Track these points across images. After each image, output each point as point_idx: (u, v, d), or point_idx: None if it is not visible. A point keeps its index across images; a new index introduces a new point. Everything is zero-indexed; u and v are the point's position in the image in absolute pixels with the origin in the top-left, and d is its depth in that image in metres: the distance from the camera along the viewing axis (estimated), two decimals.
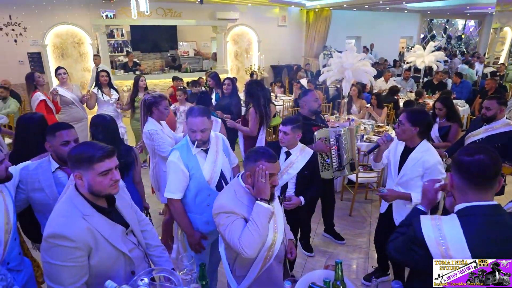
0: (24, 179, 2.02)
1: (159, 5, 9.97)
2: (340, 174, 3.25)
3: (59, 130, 2.02)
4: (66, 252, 1.41)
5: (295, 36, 12.47)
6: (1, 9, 8.35)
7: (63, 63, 9.09)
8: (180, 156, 2.25)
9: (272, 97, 7.82)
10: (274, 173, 1.78)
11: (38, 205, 2.05)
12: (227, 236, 1.71)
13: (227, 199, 1.81)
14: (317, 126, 3.21)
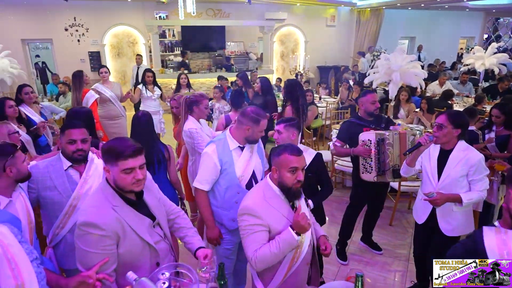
0: (35, 178, 1.98)
1: (209, 6, 10.25)
2: (382, 179, 3.11)
3: (68, 128, 2.02)
4: (97, 240, 1.49)
5: (344, 36, 12.16)
6: (67, 11, 9.10)
7: (119, 62, 9.71)
8: (216, 149, 2.28)
9: (316, 98, 7.69)
10: (298, 167, 1.77)
11: (49, 204, 2.02)
12: (245, 243, 1.76)
13: (254, 201, 1.81)
14: (368, 128, 3.10)
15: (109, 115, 5.02)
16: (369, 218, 3.65)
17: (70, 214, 2.00)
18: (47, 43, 9.68)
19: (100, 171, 2.10)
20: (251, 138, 2.30)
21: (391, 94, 5.06)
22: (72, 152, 2.00)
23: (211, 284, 1.51)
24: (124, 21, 9.52)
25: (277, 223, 1.79)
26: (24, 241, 1.34)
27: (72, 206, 1.99)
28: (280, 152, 1.80)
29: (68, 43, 9.33)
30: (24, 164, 1.82)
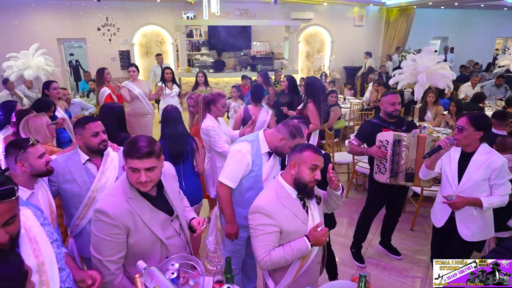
0: (55, 172, 2.04)
1: (236, 6, 10.35)
2: (394, 181, 3.04)
3: (88, 122, 2.09)
4: (106, 227, 1.57)
5: (372, 36, 11.91)
6: (100, 12, 9.48)
7: (147, 61, 9.99)
8: (250, 150, 2.29)
9: (341, 99, 7.59)
10: (318, 166, 1.78)
11: (69, 196, 2.10)
12: (256, 242, 1.77)
13: (267, 200, 1.82)
14: (387, 129, 3.05)
15: (137, 113, 5.14)
16: (387, 222, 3.57)
17: (89, 205, 2.09)
18: (81, 42, 10.12)
19: (116, 164, 2.19)
20: (279, 149, 2.28)
21: (417, 95, 4.92)
22: (97, 144, 2.09)
23: (218, 277, 1.54)
24: (153, 21, 9.80)
25: (288, 223, 1.79)
26: (47, 223, 1.43)
27: (91, 198, 2.09)
28: (303, 148, 1.81)
29: (100, 42, 9.71)
30: (39, 160, 1.85)
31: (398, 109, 3.10)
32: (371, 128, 3.16)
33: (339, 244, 3.79)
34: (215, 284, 1.53)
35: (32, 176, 1.88)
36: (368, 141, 3.21)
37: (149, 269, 1.39)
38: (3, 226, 1.10)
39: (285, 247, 1.76)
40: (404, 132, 3.07)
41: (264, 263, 1.72)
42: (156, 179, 1.62)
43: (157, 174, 1.61)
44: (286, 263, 1.78)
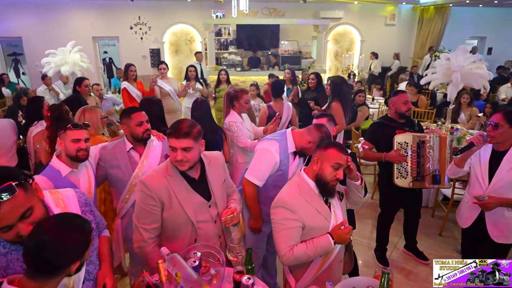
0: (103, 158, 2.24)
1: (265, 5, 10.37)
2: (419, 185, 2.92)
3: (133, 112, 2.23)
4: (144, 197, 1.71)
5: (403, 36, 11.56)
6: (133, 11, 9.78)
7: (176, 59, 10.20)
8: (279, 149, 2.30)
9: (369, 99, 7.44)
10: (342, 165, 1.76)
11: (115, 181, 2.26)
12: (278, 237, 1.76)
13: (290, 194, 1.82)
14: (401, 130, 2.95)
15: (168, 109, 5.10)
16: (407, 225, 3.46)
17: (131, 191, 2.22)
18: (114, 41, 10.48)
19: (159, 153, 2.31)
20: (305, 151, 2.29)
21: (450, 96, 4.72)
22: (142, 132, 2.22)
23: (238, 267, 1.55)
24: (183, 20, 9.99)
25: (311, 219, 1.78)
26: (88, 211, 1.49)
27: (133, 184, 2.21)
28: (328, 145, 1.79)
29: (132, 41, 10.02)
30: (72, 144, 1.95)
31: (411, 108, 3.00)
32: (381, 130, 3.03)
33: (362, 245, 3.72)
34: (236, 274, 1.54)
35: (69, 160, 1.99)
36: (377, 143, 3.09)
37: (172, 256, 1.42)
38: (21, 220, 1.15)
39: (308, 243, 1.75)
40: (413, 131, 2.96)
41: (286, 258, 1.72)
42: (193, 160, 1.69)
43: (194, 156, 1.69)
44: (308, 259, 1.78)
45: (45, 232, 1.10)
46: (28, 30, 9.36)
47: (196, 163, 1.74)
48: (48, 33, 9.26)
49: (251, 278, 1.49)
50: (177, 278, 1.35)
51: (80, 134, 1.99)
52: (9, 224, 1.13)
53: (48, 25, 9.40)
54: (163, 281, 1.38)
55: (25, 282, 1.09)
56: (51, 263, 1.09)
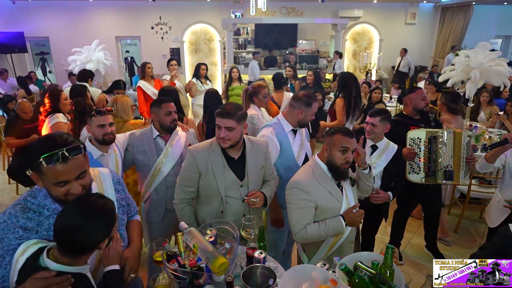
0: (132, 143, 2.41)
1: (283, 4, 10.44)
2: (432, 180, 2.92)
3: (163, 102, 2.39)
4: (187, 163, 1.99)
5: (424, 35, 11.39)
6: (154, 11, 10.04)
7: (195, 58, 10.40)
8: (274, 131, 2.42)
9: (387, 98, 7.40)
10: (349, 148, 1.84)
11: (141, 165, 2.43)
12: (293, 215, 1.87)
13: (304, 177, 1.92)
14: (416, 126, 2.95)
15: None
16: (427, 224, 3.41)
17: (155, 175, 2.37)
18: (136, 40, 10.78)
19: (182, 142, 2.45)
20: (303, 121, 2.42)
21: (468, 93, 4.65)
22: (170, 122, 2.37)
23: (251, 244, 1.64)
24: (203, 19, 10.18)
25: (324, 200, 1.88)
26: (121, 190, 1.61)
27: (157, 169, 2.36)
28: (334, 131, 1.89)
29: (153, 40, 10.28)
30: (98, 129, 2.16)
31: (428, 103, 3.00)
32: (397, 128, 2.97)
33: (375, 240, 3.74)
34: (249, 249, 1.63)
35: (98, 144, 2.19)
36: (394, 140, 3.04)
37: (190, 229, 1.53)
38: (76, 179, 1.28)
39: (320, 224, 1.85)
40: (428, 127, 2.95)
41: (299, 236, 1.83)
42: (234, 139, 1.89)
43: (235, 135, 1.89)
44: (320, 238, 1.88)
45: (74, 217, 1.17)
46: (55, 30, 9.75)
47: (237, 143, 1.92)
48: (73, 33, 9.62)
49: (263, 253, 1.58)
50: (194, 249, 1.45)
51: (105, 119, 2.17)
52: (68, 179, 1.25)
53: (74, 26, 9.77)
54: (182, 252, 1.48)
55: (59, 256, 1.19)
56: (81, 245, 1.17)
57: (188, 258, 1.46)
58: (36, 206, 1.31)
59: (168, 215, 2.45)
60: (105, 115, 2.19)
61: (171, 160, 2.38)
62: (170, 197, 2.35)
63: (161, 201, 2.43)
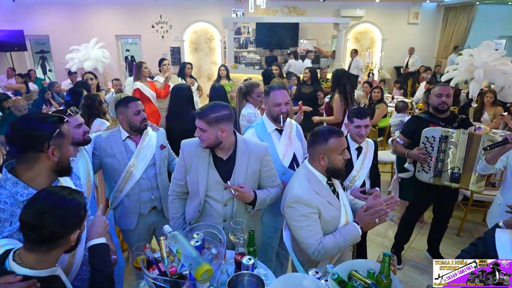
0: (98, 146, 2.23)
1: (285, 3, 10.35)
2: (439, 181, 2.82)
3: (130, 101, 2.22)
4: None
5: (427, 35, 11.26)
6: (155, 9, 9.97)
7: (196, 57, 10.32)
8: (255, 133, 2.34)
9: (388, 98, 7.30)
10: (346, 147, 1.77)
11: (109, 170, 2.25)
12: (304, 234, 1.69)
13: (302, 188, 1.75)
14: (436, 125, 2.85)
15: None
16: (434, 228, 3.31)
17: (127, 179, 2.22)
18: (136, 39, 10.71)
19: (154, 142, 2.31)
20: (270, 113, 2.33)
21: (472, 93, 4.55)
22: (139, 122, 2.22)
23: (240, 248, 1.55)
24: (203, 18, 10.10)
25: (325, 211, 1.74)
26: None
27: (129, 172, 2.21)
28: (327, 136, 1.73)
29: (153, 39, 10.21)
30: (76, 129, 1.99)
31: (445, 101, 2.83)
32: (418, 124, 2.94)
33: (375, 243, 3.65)
34: (237, 255, 1.54)
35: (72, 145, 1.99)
36: (413, 138, 3.00)
37: (173, 233, 1.44)
38: None
39: (335, 234, 1.71)
40: (449, 127, 2.83)
41: (318, 253, 1.66)
42: (208, 141, 1.80)
43: (208, 137, 1.79)
44: (340, 250, 1.72)
45: (43, 200, 1.11)
46: (55, 28, 9.69)
47: (213, 145, 1.82)
48: (73, 32, 9.55)
49: (252, 259, 1.49)
50: (177, 255, 1.36)
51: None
52: None
53: (74, 24, 9.71)
54: (164, 257, 1.39)
55: (26, 256, 1.10)
56: (54, 230, 1.09)
57: (170, 265, 1.37)
58: (6, 196, 1.23)
59: (142, 220, 2.32)
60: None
61: (143, 163, 2.23)
62: (144, 201, 2.28)
63: (134, 207, 2.28)
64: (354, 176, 2.48)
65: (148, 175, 2.25)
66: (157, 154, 2.31)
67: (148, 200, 2.31)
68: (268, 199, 1.97)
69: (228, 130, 1.80)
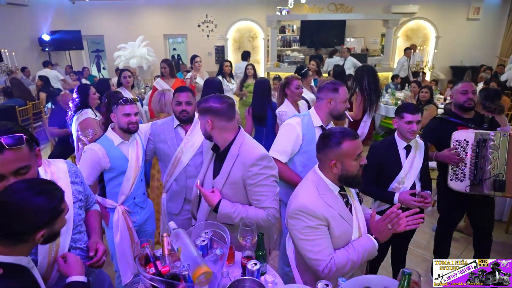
0: (153, 132, 2.40)
1: (332, 0, 10.03)
2: (477, 190, 2.48)
3: (176, 92, 2.36)
4: None
5: (489, 32, 10.28)
6: (201, 9, 10.18)
7: (239, 55, 10.35)
8: (300, 122, 2.22)
9: (440, 99, 6.76)
10: (361, 151, 1.56)
11: (162, 155, 2.40)
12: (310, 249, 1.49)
13: (310, 199, 1.54)
14: (464, 127, 2.54)
15: None
16: (476, 243, 2.89)
17: (176, 164, 2.33)
18: (183, 38, 11.02)
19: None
20: (335, 111, 2.19)
21: None
22: (179, 112, 2.30)
23: (247, 252, 1.45)
24: (247, 16, 10.12)
25: (335, 225, 1.52)
26: (78, 182, 1.50)
27: (177, 158, 2.32)
28: (339, 140, 1.51)
29: (199, 38, 10.43)
30: (123, 117, 2.15)
31: (471, 98, 2.52)
32: (443, 126, 2.62)
33: (417, 256, 3.35)
34: (243, 258, 1.44)
35: (121, 131, 2.19)
36: (439, 142, 2.68)
37: (177, 230, 1.37)
38: (14, 175, 1.15)
39: (348, 249, 1.51)
40: (480, 129, 2.49)
41: (329, 270, 1.46)
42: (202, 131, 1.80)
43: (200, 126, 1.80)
44: (354, 266, 1.51)
45: (9, 195, 1.07)
46: (109, 29, 10.28)
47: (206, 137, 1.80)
48: (125, 32, 10.06)
49: (258, 264, 1.37)
50: (177, 253, 1.29)
51: (130, 109, 2.16)
52: (3, 173, 1.13)
53: (126, 25, 10.21)
54: (165, 255, 1.33)
55: None
56: (11, 228, 1.05)
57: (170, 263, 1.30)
58: None
59: (187, 207, 2.38)
60: (131, 104, 2.19)
61: (191, 150, 2.32)
62: (190, 187, 2.30)
63: (180, 191, 2.38)
64: (402, 178, 2.29)
65: (195, 162, 2.31)
66: (205, 143, 2.30)
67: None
68: (237, 217, 1.66)
69: (215, 126, 1.70)
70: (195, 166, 2.31)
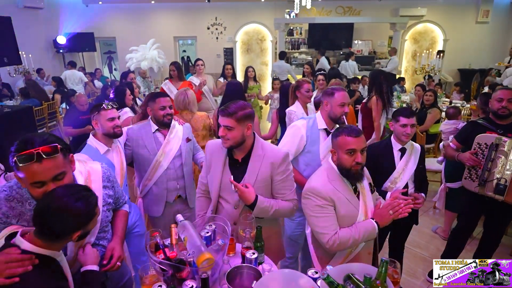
0: (130, 137, 2.43)
1: (340, 3, 10.13)
2: (482, 191, 2.60)
3: (158, 97, 2.39)
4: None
5: (498, 35, 10.25)
6: (211, 11, 10.36)
7: (247, 57, 10.53)
8: (306, 124, 2.35)
9: (446, 102, 6.80)
10: (356, 149, 1.71)
11: (141, 159, 2.43)
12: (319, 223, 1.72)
13: (320, 183, 1.78)
14: (494, 132, 2.64)
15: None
16: (483, 244, 2.99)
17: (156, 168, 2.40)
18: (193, 40, 11.22)
19: (180, 135, 2.48)
20: (332, 114, 2.30)
21: None
22: (163, 116, 2.38)
23: (246, 243, 1.59)
24: (256, 19, 10.28)
25: (341, 207, 1.74)
26: (110, 187, 1.61)
27: (157, 162, 2.39)
28: (338, 133, 1.78)
29: (208, 40, 10.62)
30: (107, 122, 2.16)
31: (506, 106, 2.59)
32: (475, 130, 2.72)
33: (413, 255, 3.45)
34: (243, 249, 1.59)
35: (104, 137, 2.21)
36: (466, 143, 2.80)
37: (184, 222, 1.53)
38: (53, 181, 1.28)
39: (351, 228, 1.73)
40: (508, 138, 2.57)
41: (333, 242, 1.68)
42: (233, 140, 1.77)
43: (234, 135, 1.76)
44: (355, 243, 1.72)
45: (53, 200, 1.19)
46: (121, 31, 10.53)
47: (238, 143, 1.79)
48: (136, 34, 10.29)
49: (255, 254, 1.52)
50: (184, 242, 1.44)
51: (113, 113, 2.20)
52: (43, 180, 1.25)
53: (137, 27, 10.45)
54: (173, 244, 1.48)
55: (34, 239, 1.20)
56: (52, 230, 1.18)
57: (177, 251, 1.46)
58: (20, 196, 1.34)
59: (168, 209, 2.49)
60: (113, 109, 2.21)
61: (170, 154, 2.41)
62: (170, 190, 2.44)
63: (161, 195, 2.46)
64: (395, 178, 2.42)
65: (174, 165, 2.41)
66: (183, 146, 2.48)
67: (174, 189, 2.49)
68: (272, 210, 1.83)
69: (251, 128, 1.84)
70: (174, 169, 2.43)
